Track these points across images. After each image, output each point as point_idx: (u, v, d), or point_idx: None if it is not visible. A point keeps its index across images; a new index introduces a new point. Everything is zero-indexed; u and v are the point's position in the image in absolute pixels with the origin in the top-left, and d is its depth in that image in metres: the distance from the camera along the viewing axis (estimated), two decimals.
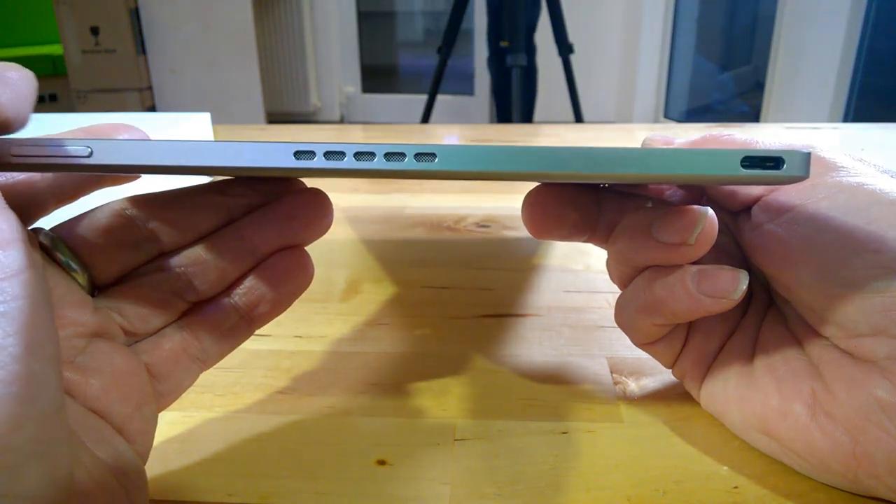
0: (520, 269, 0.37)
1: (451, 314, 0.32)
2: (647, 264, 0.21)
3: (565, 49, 1.73)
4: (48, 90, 2.53)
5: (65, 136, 0.18)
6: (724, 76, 2.67)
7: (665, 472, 0.22)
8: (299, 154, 0.15)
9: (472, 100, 2.94)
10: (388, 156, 0.15)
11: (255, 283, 0.20)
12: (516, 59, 1.55)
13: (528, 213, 0.22)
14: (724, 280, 0.20)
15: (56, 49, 2.43)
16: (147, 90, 2.45)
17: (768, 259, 0.21)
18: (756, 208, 0.21)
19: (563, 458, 0.22)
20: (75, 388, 0.17)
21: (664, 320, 0.21)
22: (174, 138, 0.46)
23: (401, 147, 0.15)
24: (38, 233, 0.18)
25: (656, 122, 2.80)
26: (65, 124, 0.50)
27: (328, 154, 0.15)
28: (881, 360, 0.18)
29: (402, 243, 0.41)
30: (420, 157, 0.15)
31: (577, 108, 1.79)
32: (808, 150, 0.15)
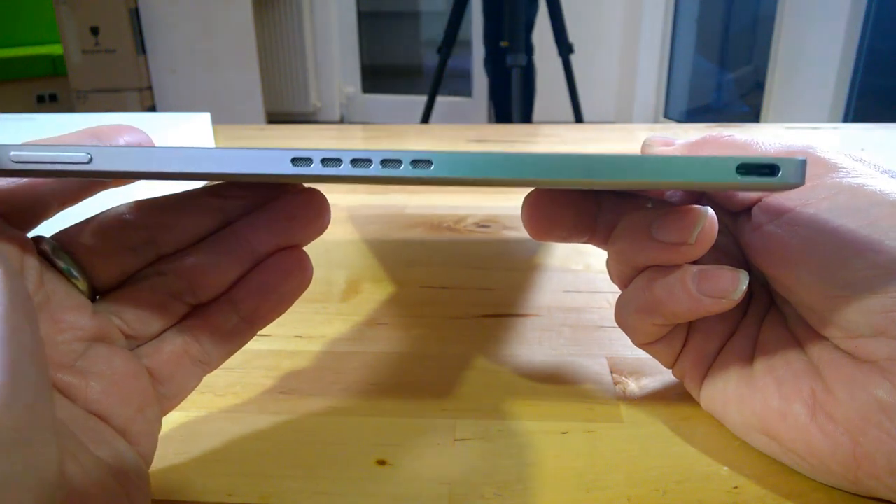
0: (520, 269, 0.37)
1: (451, 314, 0.32)
2: (647, 264, 0.21)
3: (565, 49, 1.73)
4: (48, 90, 2.54)
5: (66, 140, 0.18)
6: (724, 76, 2.67)
7: (665, 472, 0.22)
8: (296, 161, 0.16)
9: (470, 101, 2.94)
10: (384, 163, 0.16)
11: (254, 284, 0.20)
12: (516, 59, 1.55)
13: (527, 214, 0.22)
14: (724, 280, 0.20)
15: (56, 49, 2.43)
16: (147, 90, 2.45)
17: (769, 260, 0.21)
18: (756, 209, 0.21)
19: (563, 458, 0.22)
20: (75, 391, 0.17)
21: (664, 320, 0.21)
22: (174, 140, 0.47)
23: (397, 154, 0.15)
24: (40, 241, 0.18)
25: (656, 122, 2.80)
26: (65, 124, 0.50)
27: (325, 161, 0.16)
28: (882, 361, 0.18)
29: (402, 243, 0.40)
30: (416, 163, 0.15)
31: (577, 108, 1.79)
32: (803, 158, 0.16)
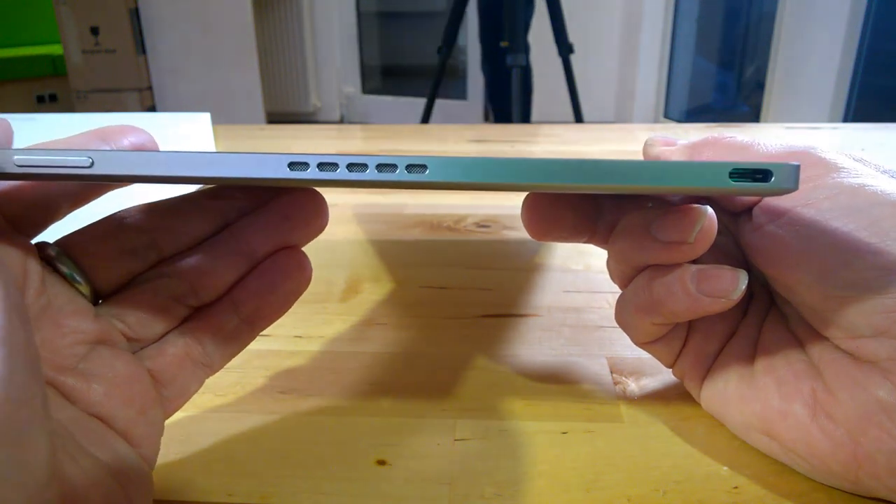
0: (520, 269, 0.37)
1: (451, 314, 0.32)
2: (646, 263, 0.21)
3: (565, 49, 1.72)
4: (48, 90, 2.53)
5: (73, 142, 0.18)
6: (724, 76, 2.67)
7: (665, 472, 0.22)
8: (293, 165, 0.16)
9: (465, 104, 2.93)
10: (379, 167, 0.16)
11: (253, 285, 0.20)
12: (516, 59, 1.54)
13: (527, 215, 0.22)
14: (723, 280, 0.20)
15: (56, 49, 2.43)
16: (147, 90, 2.45)
17: (769, 260, 0.21)
18: (757, 209, 0.21)
19: (563, 458, 0.22)
20: (77, 393, 0.17)
21: (663, 319, 0.21)
22: (174, 140, 0.47)
23: (393, 159, 0.16)
24: (44, 247, 0.18)
25: (656, 122, 2.80)
26: (65, 124, 0.50)
27: (321, 165, 0.16)
28: (882, 361, 0.18)
29: (402, 243, 0.40)
30: (412, 168, 0.16)
31: (577, 108, 1.78)
32: (797, 163, 0.16)
